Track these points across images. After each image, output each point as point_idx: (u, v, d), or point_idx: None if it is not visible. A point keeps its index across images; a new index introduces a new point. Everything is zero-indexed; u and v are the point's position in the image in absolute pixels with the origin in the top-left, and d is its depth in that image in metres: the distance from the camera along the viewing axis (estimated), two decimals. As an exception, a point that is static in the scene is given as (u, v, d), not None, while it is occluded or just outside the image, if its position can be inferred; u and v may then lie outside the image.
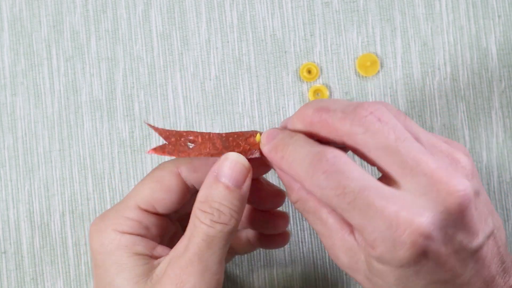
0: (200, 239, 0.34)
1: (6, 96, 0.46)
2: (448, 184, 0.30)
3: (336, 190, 0.30)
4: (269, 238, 0.41)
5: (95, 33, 0.46)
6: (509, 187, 0.45)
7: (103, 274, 0.35)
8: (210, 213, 0.34)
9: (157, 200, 0.36)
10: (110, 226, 0.36)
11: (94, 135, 0.46)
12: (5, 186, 0.45)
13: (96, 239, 0.36)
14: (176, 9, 0.46)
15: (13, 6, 0.46)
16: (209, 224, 0.34)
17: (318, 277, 0.45)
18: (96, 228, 0.36)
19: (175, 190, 0.37)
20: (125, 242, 0.35)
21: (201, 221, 0.34)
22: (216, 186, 0.34)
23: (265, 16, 0.46)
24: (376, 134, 0.31)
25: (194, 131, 0.36)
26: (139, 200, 0.36)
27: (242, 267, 0.45)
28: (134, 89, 0.46)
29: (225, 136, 0.36)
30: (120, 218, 0.36)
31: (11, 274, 0.45)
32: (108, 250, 0.35)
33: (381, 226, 0.29)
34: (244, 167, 0.35)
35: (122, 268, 0.35)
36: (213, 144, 0.36)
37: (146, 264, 0.35)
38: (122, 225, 0.36)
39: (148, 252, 0.36)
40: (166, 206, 0.37)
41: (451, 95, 0.45)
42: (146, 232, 0.36)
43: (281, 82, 0.46)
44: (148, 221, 0.36)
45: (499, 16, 0.46)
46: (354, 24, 0.46)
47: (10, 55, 0.46)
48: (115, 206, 0.37)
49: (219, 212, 0.34)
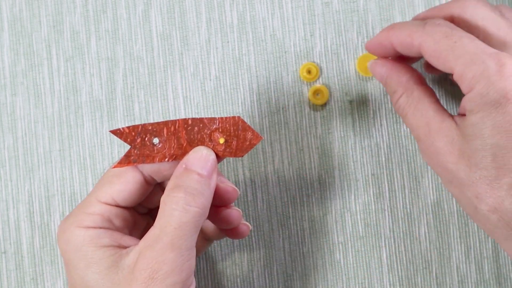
0: (173, 227, 0.34)
1: (6, 96, 0.46)
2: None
3: (445, 33, 0.36)
4: (228, 230, 0.41)
5: (95, 33, 0.46)
6: (509, 187, 0.45)
7: (73, 271, 0.36)
8: (182, 197, 0.34)
9: (116, 192, 0.37)
10: (73, 224, 0.36)
11: (94, 135, 0.46)
12: (5, 186, 0.45)
13: (61, 238, 0.36)
14: (176, 9, 0.46)
15: (13, 6, 0.46)
16: (181, 210, 0.34)
17: (318, 277, 0.45)
18: (61, 228, 0.37)
19: (132, 181, 0.37)
20: (89, 236, 0.36)
21: (173, 207, 0.34)
22: (187, 174, 0.35)
23: (265, 16, 0.46)
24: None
25: (159, 122, 0.36)
26: (99, 195, 0.37)
27: (242, 267, 0.45)
28: (134, 89, 0.46)
29: (191, 125, 0.36)
30: (82, 214, 0.36)
31: (11, 274, 0.45)
32: (74, 246, 0.36)
33: (479, 64, 0.34)
34: (213, 159, 0.36)
35: (90, 262, 0.35)
36: (177, 139, 0.36)
37: (113, 255, 0.35)
38: (84, 221, 0.36)
39: (114, 243, 0.36)
40: (125, 198, 0.37)
41: (451, 95, 0.45)
42: (110, 225, 0.37)
43: (281, 82, 0.46)
44: (110, 214, 0.37)
45: (499, 16, 0.46)
46: (354, 24, 0.46)
47: (10, 55, 0.46)
48: (78, 206, 0.38)
49: (192, 196, 0.34)
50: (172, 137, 0.36)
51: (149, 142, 0.36)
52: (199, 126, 0.36)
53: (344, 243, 0.45)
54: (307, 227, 0.45)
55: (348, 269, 0.45)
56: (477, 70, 0.34)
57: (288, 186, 0.45)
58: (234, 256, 0.45)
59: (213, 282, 0.45)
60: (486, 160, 0.34)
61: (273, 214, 0.45)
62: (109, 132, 0.39)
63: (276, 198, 0.45)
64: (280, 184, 0.45)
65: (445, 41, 0.36)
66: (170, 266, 0.34)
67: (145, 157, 0.36)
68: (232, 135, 0.37)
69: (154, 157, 0.36)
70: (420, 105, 0.38)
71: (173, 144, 0.36)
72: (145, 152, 0.36)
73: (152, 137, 0.36)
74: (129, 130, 0.36)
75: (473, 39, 0.35)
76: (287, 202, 0.45)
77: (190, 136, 0.36)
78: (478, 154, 0.34)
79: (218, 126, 0.36)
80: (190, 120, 0.36)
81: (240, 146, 0.37)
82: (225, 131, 0.37)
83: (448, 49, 0.36)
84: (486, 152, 0.34)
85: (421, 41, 0.37)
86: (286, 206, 0.45)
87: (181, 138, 0.36)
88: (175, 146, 0.36)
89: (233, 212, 0.39)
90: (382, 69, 0.40)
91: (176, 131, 0.36)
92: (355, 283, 0.45)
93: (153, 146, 0.36)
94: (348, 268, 0.45)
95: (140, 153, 0.36)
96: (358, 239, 0.45)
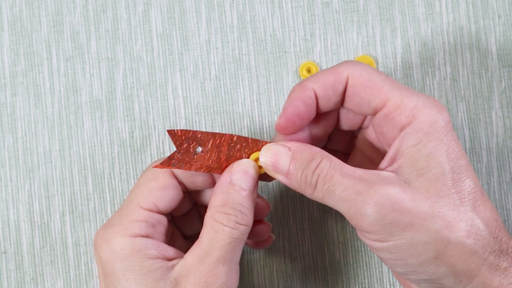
0: (225, 242, 0.35)
1: (6, 96, 0.46)
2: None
3: (372, 69, 0.36)
4: (254, 241, 0.42)
5: (95, 33, 0.46)
6: (509, 187, 0.45)
7: (115, 282, 0.35)
8: (233, 215, 0.35)
9: (157, 197, 0.37)
10: (118, 233, 0.35)
11: (94, 135, 0.46)
12: (5, 186, 0.45)
13: (105, 247, 0.35)
14: (176, 9, 0.46)
15: (13, 6, 0.46)
16: (232, 227, 0.35)
17: (318, 277, 0.45)
18: (103, 237, 0.36)
19: (171, 187, 0.37)
20: (137, 246, 0.35)
21: (225, 224, 0.35)
22: (233, 190, 0.35)
23: (265, 16, 0.46)
24: None
25: (209, 132, 0.36)
26: (141, 201, 0.36)
27: (242, 267, 0.45)
28: (134, 89, 0.46)
29: (234, 142, 0.36)
30: (126, 223, 0.36)
31: (11, 274, 0.45)
32: (121, 257, 0.35)
33: (418, 96, 0.35)
34: (255, 172, 0.36)
35: (139, 273, 0.35)
36: (218, 153, 0.36)
37: (161, 268, 0.35)
38: (129, 229, 0.35)
39: (160, 255, 0.36)
40: (166, 203, 0.37)
41: (451, 95, 0.45)
42: (154, 232, 0.36)
43: (281, 82, 0.46)
44: (153, 220, 0.37)
45: (499, 16, 0.46)
46: (354, 24, 0.46)
47: (10, 55, 0.46)
48: (117, 212, 0.37)
49: (242, 214, 0.35)
50: (215, 150, 0.36)
51: (193, 150, 0.36)
52: (241, 144, 0.37)
53: (344, 243, 0.45)
54: (307, 227, 0.45)
55: (348, 269, 0.45)
56: (419, 100, 0.34)
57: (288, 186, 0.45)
58: (234, 256, 0.45)
59: (213, 282, 0.45)
60: (446, 187, 0.33)
61: (273, 214, 0.45)
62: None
63: (276, 198, 0.45)
64: (280, 184, 0.45)
65: (377, 73, 0.35)
66: (222, 280, 0.34)
67: (184, 163, 0.36)
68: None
69: (192, 165, 0.36)
70: (345, 167, 0.34)
71: (213, 157, 0.37)
72: (186, 158, 0.36)
73: (197, 145, 0.36)
74: (181, 134, 0.36)
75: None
76: (287, 202, 0.45)
77: (230, 153, 0.37)
78: (437, 183, 0.33)
79: (259, 148, 0.37)
80: (236, 137, 0.36)
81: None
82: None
83: (383, 79, 0.35)
84: (446, 179, 0.33)
85: (351, 71, 0.35)
86: (286, 206, 0.45)
87: (221, 153, 0.37)
88: (214, 159, 0.37)
89: (265, 226, 0.41)
90: (286, 148, 0.35)
91: (220, 145, 0.36)
92: (355, 283, 0.45)
93: (194, 155, 0.36)
94: (348, 268, 0.45)
95: (182, 159, 0.36)
96: (358, 239, 0.45)
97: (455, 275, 0.33)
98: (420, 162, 0.33)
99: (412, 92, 0.35)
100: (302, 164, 0.34)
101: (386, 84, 0.35)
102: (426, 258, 0.33)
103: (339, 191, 0.33)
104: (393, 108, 0.35)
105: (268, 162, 0.35)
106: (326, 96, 0.36)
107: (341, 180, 0.33)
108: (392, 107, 0.35)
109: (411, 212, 0.32)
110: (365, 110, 0.36)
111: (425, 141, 0.33)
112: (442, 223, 0.32)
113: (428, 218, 0.32)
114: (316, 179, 0.34)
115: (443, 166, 0.33)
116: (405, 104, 0.34)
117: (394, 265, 0.34)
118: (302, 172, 0.34)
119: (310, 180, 0.34)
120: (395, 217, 0.32)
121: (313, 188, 0.34)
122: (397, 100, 0.34)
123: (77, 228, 0.45)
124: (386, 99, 0.35)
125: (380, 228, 0.33)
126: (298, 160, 0.35)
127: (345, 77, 0.35)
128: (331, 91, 0.36)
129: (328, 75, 0.36)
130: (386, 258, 0.34)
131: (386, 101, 0.35)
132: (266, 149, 0.36)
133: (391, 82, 0.35)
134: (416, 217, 0.32)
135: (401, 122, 0.34)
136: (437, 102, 0.35)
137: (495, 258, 0.33)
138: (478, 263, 0.33)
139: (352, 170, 0.34)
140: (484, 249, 0.33)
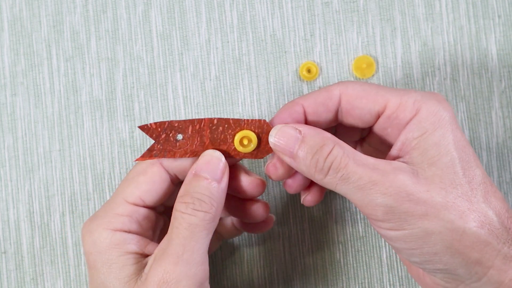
0: (183, 228, 0.34)
1: (6, 96, 0.46)
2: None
3: (363, 82, 0.36)
4: (252, 224, 0.41)
5: (95, 33, 0.46)
6: (509, 187, 0.45)
7: (95, 274, 0.35)
8: (191, 202, 0.35)
9: (143, 192, 0.37)
10: (101, 225, 0.36)
11: (94, 135, 0.46)
12: (5, 186, 0.45)
13: (87, 239, 0.36)
14: (176, 9, 0.46)
15: (13, 6, 0.46)
16: (190, 213, 0.34)
17: (318, 277, 0.45)
18: (88, 228, 0.36)
19: (159, 180, 0.37)
20: (116, 240, 0.35)
21: (183, 211, 0.34)
22: (195, 180, 0.35)
23: (265, 16, 0.46)
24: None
25: (186, 120, 0.37)
26: (127, 195, 0.37)
27: (242, 267, 0.45)
28: (134, 89, 0.46)
29: (215, 124, 0.37)
30: (110, 216, 0.36)
31: (11, 274, 0.45)
32: (99, 249, 0.35)
33: (415, 92, 0.35)
34: (221, 161, 0.36)
35: (113, 267, 0.35)
36: (201, 137, 0.37)
37: (136, 263, 0.35)
38: (113, 223, 0.36)
39: (139, 250, 0.36)
40: (153, 197, 0.37)
41: (451, 95, 0.45)
42: (138, 227, 0.37)
43: (281, 82, 0.46)
44: (138, 215, 0.37)
45: (499, 16, 0.46)
46: (354, 24, 0.46)
47: (10, 55, 0.46)
48: (104, 205, 0.37)
49: (199, 201, 0.35)
50: (196, 135, 0.37)
51: (173, 138, 0.37)
52: (223, 126, 0.37)
53: (344, 243, 0.45)
54: (307, 227, 0.45)
55: (348, 269, 0.45)
56: (418, 95, 0.35)
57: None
58: (234, 256, 0.45)
59: (213, 282, 0.45)
60: (458, 176, 0.33)
61: (273, 214, 0.45)
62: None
63: (276, 198, 0.45)
64: (280, 184, 0.45)
65: (368, 84, 0.36)
66: (182, 268, 0.34)
67: (166, 151, 0.37)
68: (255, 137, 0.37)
69: (175, 152, 0.37)
70: (358, 156, 0.34)
71: (195, 141, 0.37)
72: (168, 147, 0.37)
73: (176, 134, 0.37)
74: (156, 126, 0.36)
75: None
76: (287, 202, 0.45)
77: (214, 135, 0.37)
78: (449, 172, 0.33)
79: (243, 127, 0.37)
80: (216, 119, 0.37)
81: (262, 149, 0.37)
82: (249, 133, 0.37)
83: (377, 87, 0.36)
84: (457, 168, 0.33)
85: (343, 88, 0.36)
86: (286, 206, 0.45)
87: (204, 137, 0.37)
88: (197, 143, 0.37)
89: (261, 205, 0.39)
90: (296, 130, 0.35)
91: (201, 129, 0.37)
92: (355, 283, 0.45)
93: (175, 142, 0.37)
94: (348, 268, 0.45)
95: (163, 148, 0.37)
96: (358, 239, 0.45)
97: (469, 266, 0.33)
98: (429, 151, 0.33)
99: (409, 90, 0.35)
100: (313, 148, 0.34)
101: (381, 89, 0.36)
102: (442, 247, 0.33)
103: (353, 180, 0.33)
104: (395, 108, 0.35)
105: (277, 143, 0.35)
106: (317, 113, 0.37)
107: (355, 168, 0.33)
108: (393, 107, 0.35)
109: (426, 202, 0.33)
110: (368, 119, 0.36)
111: (431, 130, 0.34)
112: (456, 213, 0.33)
113: (443, 209, 0.33)
114: (328, 166, 0.34)
115: (452, 154, 0.33)
116: (405, 101, 0.35)
117: (410, 254, 0.34)
118: (312, 156, 0.34)
119: (322, 166, 0.34)
120: (410, 207, 0.33)
121: (324, 174, 0.34)
122: (396, 100, 0.35)
123: (77, 228, 0.45)
124: (385, 102, 0.35)
125: (395, 216, 0.33)
126: (309, 144, 0.34)
127: (336, 94, 0.36)
128: (321, 108, 0.36)
129: (320, 92, 0.37)
130: (402, 248, 0.34)
131: (386, 103, 0.35)
132: (276, 130, 0.36)
133: (385, 87, 0.36)
134: (431, 207, 0.32)
135: (405, 119, 0.35)
136: (436, 94, 0.35)
137: (509, 249, 0.33)
138: (492, 253, 0.33)
139: (364, 158, 0.34)
140: (498, 239, 0.33)
